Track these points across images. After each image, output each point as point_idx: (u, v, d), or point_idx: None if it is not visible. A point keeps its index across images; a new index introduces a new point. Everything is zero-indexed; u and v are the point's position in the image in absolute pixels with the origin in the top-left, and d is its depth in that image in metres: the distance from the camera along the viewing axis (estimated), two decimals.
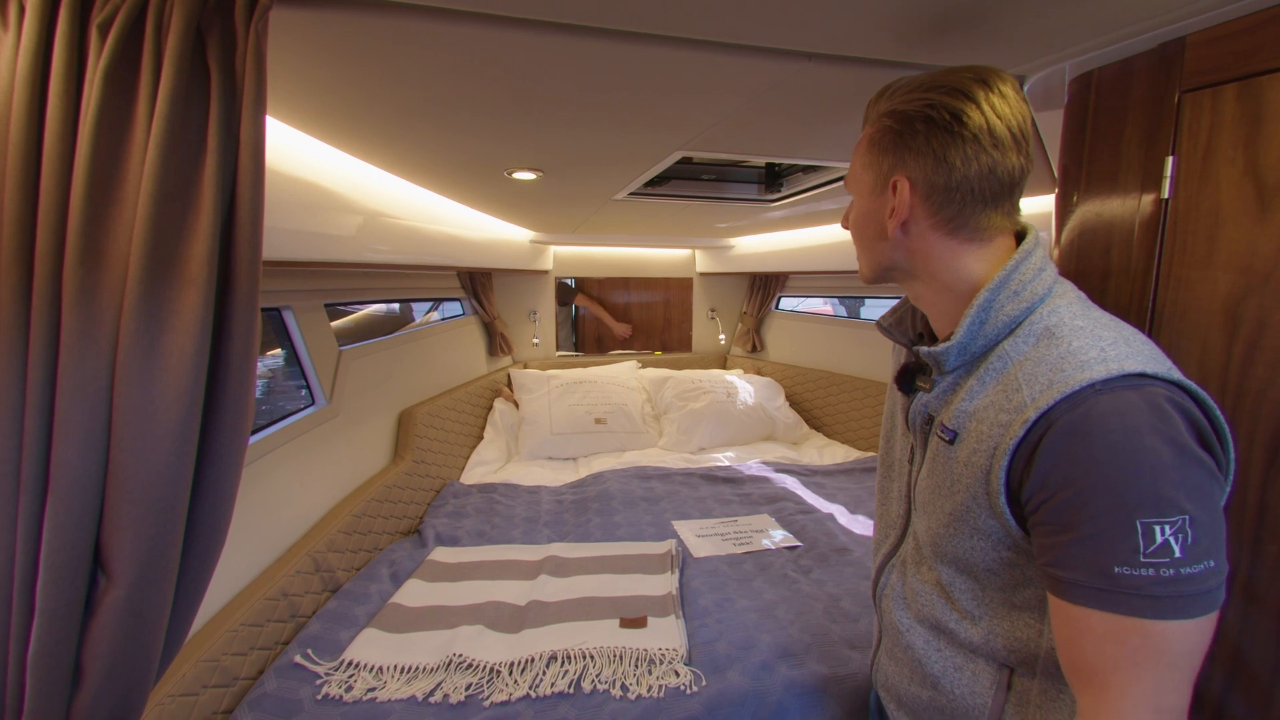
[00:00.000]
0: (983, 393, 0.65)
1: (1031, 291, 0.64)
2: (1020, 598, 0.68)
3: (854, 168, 0.74)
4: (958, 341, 0.66)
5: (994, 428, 0.62)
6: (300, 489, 1.73)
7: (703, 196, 2.06)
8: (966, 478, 0.66)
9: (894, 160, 0.67)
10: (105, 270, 0.67)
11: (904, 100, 0.66)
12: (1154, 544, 0.53)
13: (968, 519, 0.67)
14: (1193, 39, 0.74)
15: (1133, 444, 0.53)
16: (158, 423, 0.68)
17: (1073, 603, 0.57)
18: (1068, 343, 0.60)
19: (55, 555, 0.67)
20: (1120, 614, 0.54)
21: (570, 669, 1.33)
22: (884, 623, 0.87)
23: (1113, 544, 0.54)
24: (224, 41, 0.68)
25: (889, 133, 0.67)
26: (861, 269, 0.77)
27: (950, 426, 0.68)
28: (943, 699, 0.76)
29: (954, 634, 0.74)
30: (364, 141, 1.30)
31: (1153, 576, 0.53)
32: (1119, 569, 0.54)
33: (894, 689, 0.85)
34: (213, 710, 1.18)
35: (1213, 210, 0.74)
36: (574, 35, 0.78)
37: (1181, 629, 0.53)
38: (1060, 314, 0.63)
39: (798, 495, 2.40)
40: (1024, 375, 0.61)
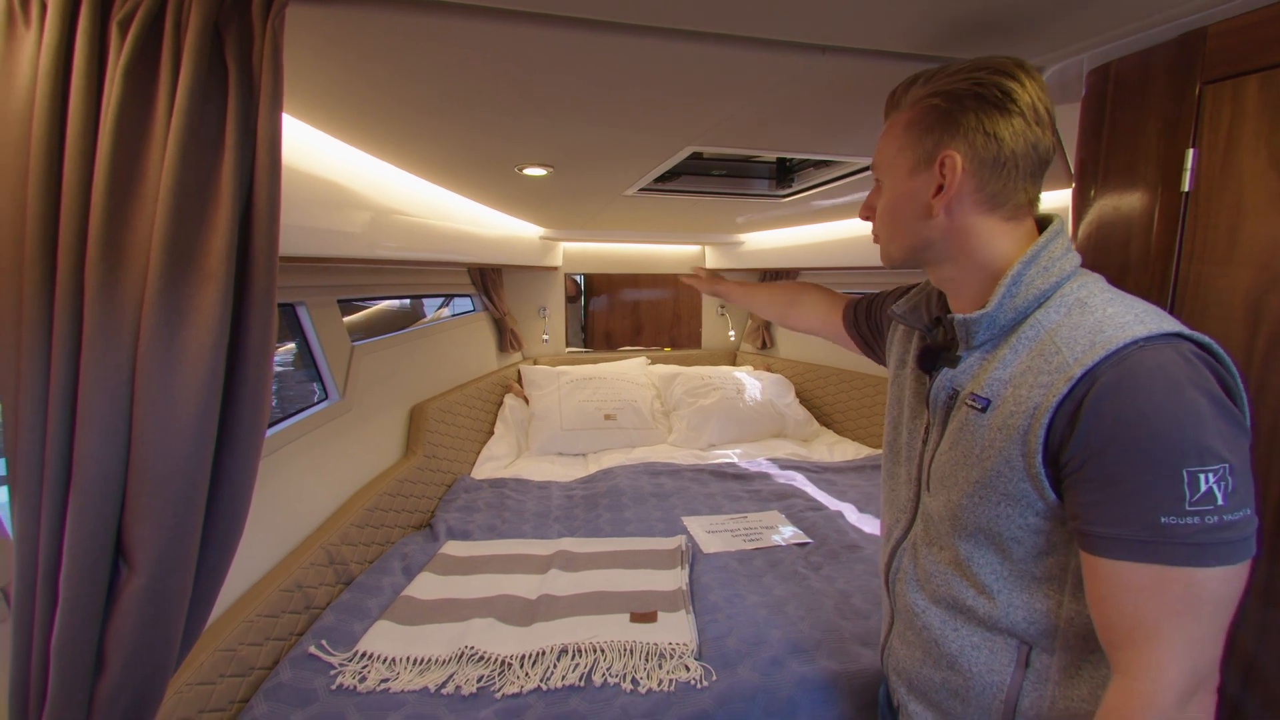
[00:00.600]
0: (1016, 360, 0.67)
1: (1060, 268, 0.67)
2: (1041, 568, 0.69)
3: (886, 152, 0.75)
4: (991, 310, 0.69)
5: (1033, 389, 0.64)
6: (314, 482, 1.75)
7: (713, 192, 2.05)
8: (1000, 441, 0.67)
9: (939, 137, 0.68)
10: (126, 266, 0.68)
11: (948, 82, 0.68)
12: (1199, 492, 0.55)
13: (998, 484, 0.68)
14: (1214, 29, 0.73)
15: (1176, 396, 0.56)
16: (177, 416, 0.69)
17: (1116, 558, 0.58)
18: (1103, 309, 0.63)
19: (78, 545, 0.69)
20: (1165, 564, 0.56)
21: (581, 662, 1.34)
22: (896, 606, 0.87)
23: (1161, 494, 0.56)
24: (241, 38, 0.68)
25: (935, 111, 0.68)
26: (891, 253, 0.77)
27: (983, 395, 0.69)
28: (958, 679, 0.76)
29: (972, 610, 0.74)
30: (376, 138, 1.31)
31: (1198, 524, 0.55)
32: (1165, 519, 0.56)
33: (906, 672, 0.85)
34: (229, 699, 1.20)
35: (1234, 204, 0.73)
36: (586, 30, 0.77)
37: (1223, 576, 0.56)
38: (1090, 288, 0.67)
39: (807, 492, 2.40)
40: (1061, 339, 0.64)
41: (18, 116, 0.66)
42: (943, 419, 0.77)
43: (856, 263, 2.69)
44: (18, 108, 0.66)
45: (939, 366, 0.77)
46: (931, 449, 0.79)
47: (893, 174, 0.74)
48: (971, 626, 0.75)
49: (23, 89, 0.66)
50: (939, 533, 0.78)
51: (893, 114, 0.75)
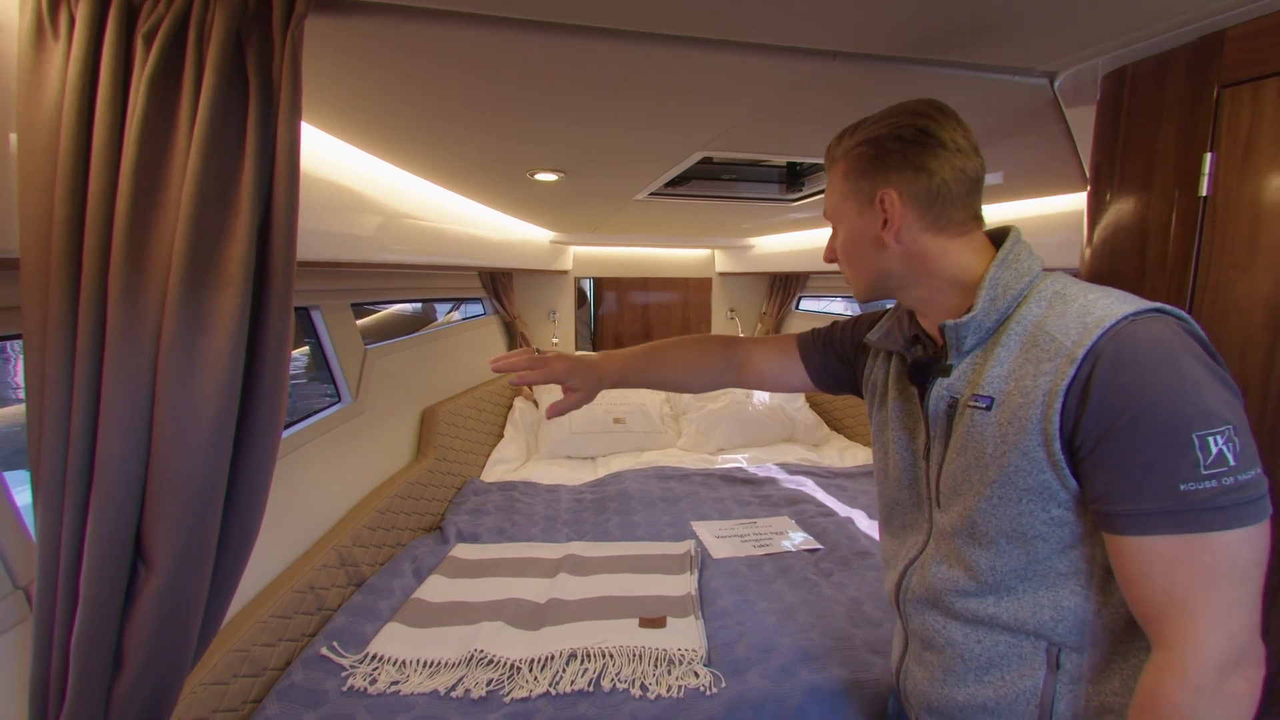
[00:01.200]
0: (1011, 357, 0.70)
1: (1028, 268, 0.72)
2: (1066, 562, 0.69)
3: (831, 201, 0.81)
4: (979, 311, 0.72)
5: (1039, 378, 0.65)
6: (326, 484, 1.76)
7: (723, 196, 2.05)
8: (1014, 435, 0.67)
9: (874, 179, 0.75)
10: (148, 271, 0.69)
11: (871, 131, 0.75)
12: (1210, 455, 0.56)
13: (1017, 479, 0.68)
14: (1232, 32, 0.73)
15: (1175, 363, 0.58)
16: (197, 418, 0.70)
17: (1143, 534, 0.59)
18: (1083, 297, 0.67)
19: (98, 545, 0.70)
20: (1190, 533, 0.57)
21: (590, 667, 1.34)
22: (910, 628, 0.86)
23: (1176, 462, 0.57)
24: (262, 49, 0.69)
25: (864, 157, 0.75)
26: (857, 289, 0.82)
27: (985, 394, 0.71)
28: (987, 692, 0.75)
29: (995, 618, 0.74)
30: (391, 144, 1.32)
31: (1216, 488, 0.56)
32: (1185, 485, 0.56)
33: (924, 695, 0.83)
34: (242, 699, 1.21)
35: (1253, 208, 0.72)
36: (597, 38, 0.78)
37: (1247, 537, 0.57)
38: (1063, 281, 0.71)
39: (817, 498, 2.38)
40: (1052, 327, 0.66)
41: (46, 125, 0.68)
42: (944, 430, 0.76)
43: None
44: (46, 117, 0.68)
45: (931, 379, 0.78)
46: (936, 464, 0.78)
47: (843, 218, 0.80)
48: (997, 634, 0.74)
49: (51, 99, 0.68)
50: (951, 547, 0.77)
51: (831, 167, 0.81)
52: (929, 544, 0.82)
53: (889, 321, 0.88)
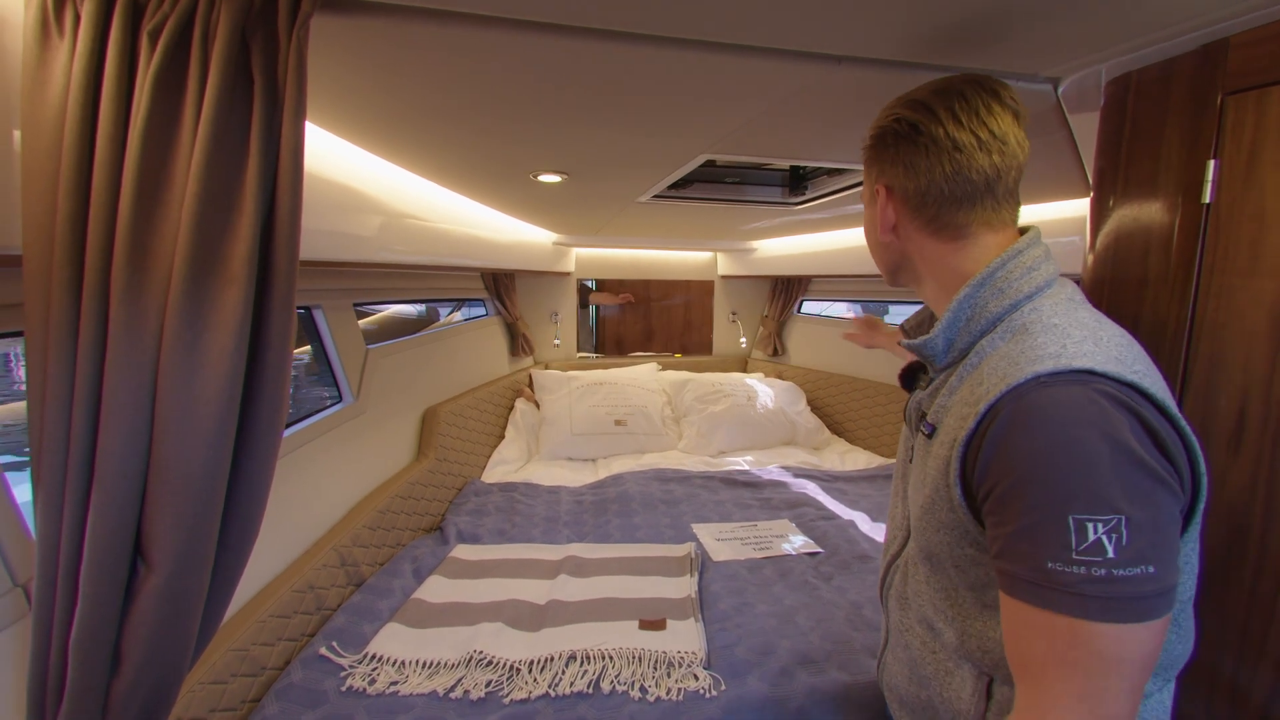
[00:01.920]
0: (959, 388, 0.67)
1: (1017, 289, 0.65)
2: (989, 597, 0.67)
3: (864, 188, 0.81)
4: (937, 334, 0.69)
5: (957, 420, 0.64)
6: (327, 484, 1.76)
7: (726, 199, 2.05)
8: (934, 470, 0.67)
9: (875, 171, 0.74)
10: (151, 269, 0.70)
11: (880, 118, 0.73)
12: (1086, 541, 0.52)
13: (935, 511, 0.68)
14: (1236, 39, 0.72)
15: (1068, 437, 0.53)
16: (198, 417, 0.70)
17: (1011, 596, 0.57)
18: (1034, 338, 0.61)
19: (98, 543, 0.70)
20: (1052, 611, 0.53)
21: (589, 669, 1.33)
22: (890, 623, 0.87)
23: (1046, 538, 0.53)
24: (267, 48, 0.69)
25: (870, 148, 0.75)
26: (880, 270, 0.82)
27: (931, 421, 0.70)
28: (936, 699, 0.76)
29: (941, 634, 0.74)
30: (394, 145, 1.33)
31: (1084, 575, 0.52)
32: (1052, 564, 0.53)
33: (896, 689, 0.85)
34: (241, 699, 1.21)
35: (1257, 215, 0.72)
36: (602, 40, 0.78)
37: (1115, 633, 0.52)
38: (1040, 312, 0.63)
39: (819, 501, 2.38)
40: (989, 369, 0.62)
41: (51, 123, 0.68)
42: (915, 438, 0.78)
43: (868, 270, 2.68)
44: (51, 114, 0.68)
45: (915, 385, 0.80)
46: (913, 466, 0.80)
47: (867, 203, 0.80)
48: (945, 652, 0.74)
49: (56, 96, 0.68)
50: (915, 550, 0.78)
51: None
52: (910, 542, 0.83)
53: (924, 313, 0.86)
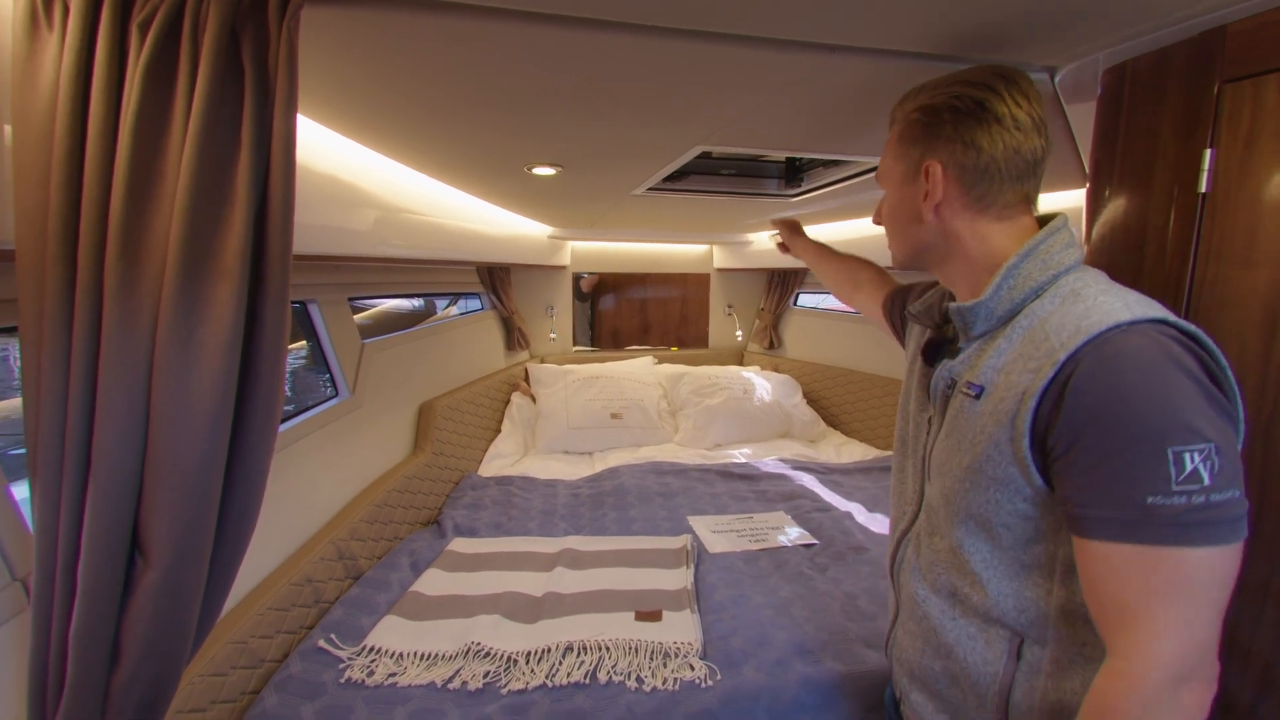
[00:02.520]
0: (1010, 349, 0.69)
1: (1058, 262, 0.69)
2: (1030, 555, 0.69)
3: (885, 163, 0.81)
4: (985, 298, 0.71)
5: (1022, 375, 0.65)
6: (324, 478, 1.76)
7: (722, 191, 2.05)
8: (990, 427, 0.68)
9: (922, 149, 0.74)
10: (144, 263, 0.69)
11: (930, 96, 0.74)
12: (1185, 471, 0.54)
13: (986, 469, 0.69)
14: (1234, 28, 0.72)
15: (1159, 375, 0.57)
16: (193, 411, 0.69)
17: (1105, 540, 0.59)
18: (1093, 299, 0.64)
19: (95, 538, 0.70)
20: (1152, 545, 0.56)
21: (586, 660, 1.34)
22: (901, 597, 0.88)
23: (1146, 473, 0.55)
24: (258, 40, 0.69)
25: (917, 125, 0.75)
26: (895, 255, 0.83)
27: (977, 383, 0.71)
28: (956, 668, 0.77)
29: (967, 599, 0.75)
30: (388, 137, 1.32)
31: (1185, 504, 0.55)
32: (1152, 499, 0.55)
33: (907, 662, 0.86)
34: (240, 690, 1.21)
35: (1253, 205, 0.72)
36: (596, 30, 0.78)
37: (1210, 557, 0.56)
38: (1086, 280, 0.68)
39: (814, 493, 2.39)
40: (1051, 327, 0.65)
41: (41, 116, 0.67)
42: (942, 409, 0.79)
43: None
44: (41, 107, 0.67)
45: (941, 358, 0.80)
46: (933, 439, 0.81)
47: (889, 183, 0.80)
48: (968, 618, 0.76)
49: (45, 89, 0.67)
50: (938, 521, 0.79)
51: (890, 128, 0.81)
52: (920, 515, 0.84)
53: (933, 297, 0.88)
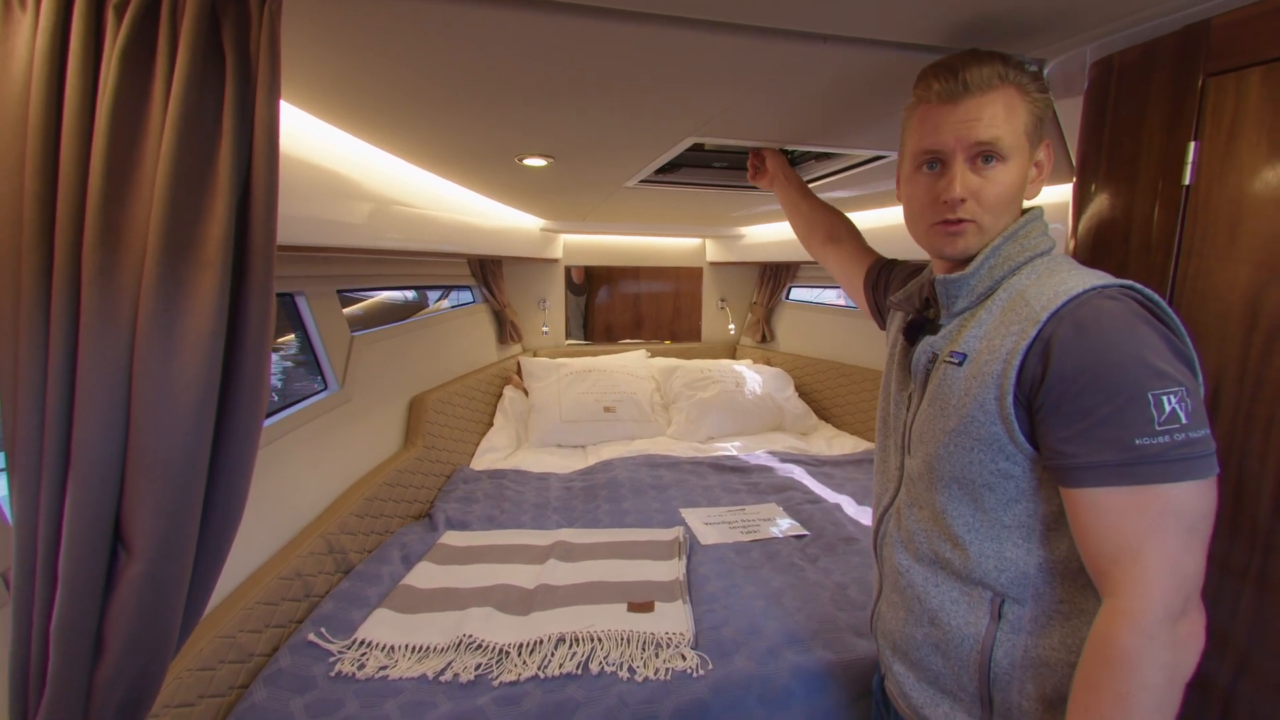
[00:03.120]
0: (991, 319, 0.74)
1: (1035, 246, 0.75)
2: (1011, 515, 0.73)
3: (1014, 131, 0.72)
4: (969, 273, 0.76)
5: (1005, 338, 0.70)
6: (313, 472, 1.75)
7: (714, 184, 2.04)
8: (975, 388, 0.71)
9: (1042, 132, 0.76)
10: (124, 251, 0.68)
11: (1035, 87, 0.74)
12: (1164, 412, 0.60)
13: (971, 429, 0.72)
14: (1218, 21, 0.73)
15: (1133, 330, 0.63)
16: (176, 401, 0.69)
17: (1098, 486, 0.62)
18: (1068, 272, 0.71)
19: (76, 531, 0.69)
20: (1142, 484, 0.61)
21: (578, 651, 1.34)
22: (884, 570, 0.91)
23: (1133, 417, 0.61)
24: (238, 23, 0.68)
25: (1047, 107, 0.76)
26: (982, 238, 0.75)
27: (960, 351, 0.75)
28: (938, 633, 0.79)
29: (949, 563, 0.78)
30: (376, 126, 1.30)
31: (1168, 443, 0.60)
32: (1139, 440, 0.60)
33: (890, 634, 0.88)
34: (229, 685, 1.21)
35: (1235, 198, 0.73)
36: (584, 16, 0.77)
37: (1194, 490, 0.61)
38: (1058, 260, 0.75)
39: (805, 485, 2.40)
40: (1030, 295, 0.70)
41: (14, 100, 0.66)
42: (923, 383, 0.81)
43: None
44: (14, 91, 0.66)
45: (920, 337, 0.83)
46: (913, 413, 0.83)
47: (1019, 152, 0.73)
48: (951, 581, 0.78)
49: (19, 72, 0.66)
50: (918, 491, 0.81)
51: (1002, 84, 0.71)
52: (900, 490, 0.86)
53: (913, 286, 0.89)
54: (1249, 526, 0.73)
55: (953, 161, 0.73)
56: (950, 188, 0.73)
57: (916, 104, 0.79)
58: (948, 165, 0.74)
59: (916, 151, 0.77)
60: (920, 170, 0.77)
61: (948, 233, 0.75)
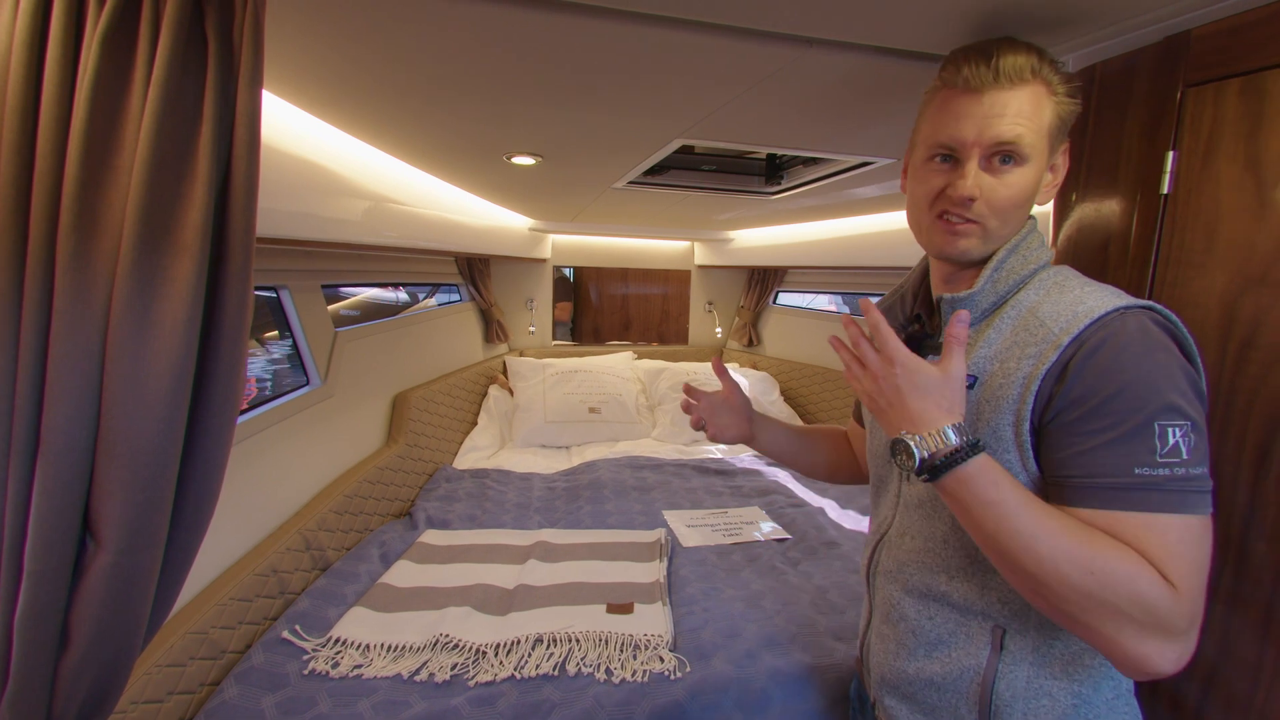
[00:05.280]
0: (1001, 338, 0.71)
1: (1036, 258, 0.74)
2: None
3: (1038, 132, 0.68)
4: (976, 291, 0.73)
5: (1022, 361, 0.67)
6: (292, 468, 1.73)
7: (702, 187, 2.05)
8: (988, 413, 0.69)
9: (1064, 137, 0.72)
10: (99, 236, 0.67)
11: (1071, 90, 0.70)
12: (1167, 445, 0.59)
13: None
14: (1197, 32, 0.74)
15: (1151, 357, 0.61)
16: (149, 389, 0.67)
17: (1096, 508, 0.61)
18: (1079, 289, 0.68)
19: (44, 518, 0.67)
20: (1138, 511, 0.60)
21: (555, 651, 1.34)
22: (875, 601, 0.88)
23: (1137, 445, 0.60)
24: (222, 11, 0.67)
25: (1074, 112, 0.71)
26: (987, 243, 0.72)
27: (970, 373, 0.72)
28: (935, 667, 0.77)
29: (945, 596, 0.76)
30: (364, 120, 1.29)
31: (1167, 475, 0.59)
32: (1139, 469, 0.60)
33: (880, 667, 0.86)
34: (199, 682, 1.18)
35: (1212, 207, 0.74)
36: (572, 14, 0.77)
37: (1187, 524, 0.60)
38: (1065, 273, 0.73)
39: (789, 489, 2.41)
40: (1044, 314, 0.68)
41: None
42: None
43: (844, 262, 2.71)
44: None
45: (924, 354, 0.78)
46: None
47: (1038, 155, 0.69)
48: (947, 612, 0.76)
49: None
50: (913, 520, 0.79)
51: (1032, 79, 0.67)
52: (895, 518, 0.84)
53: (893, 298, 0.88)
54: (1221, 538, 0.74)
55: (968, 157, 0.68)
56: (962, 184, 0.68)
57: (939, 88, 0.72)
58: (962, 160, 0.69)
59: (932, 141, 0.71)
60: (932, 161, 0.72)
61: (951, 230, 0.71)
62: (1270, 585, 0.71)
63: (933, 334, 0.80)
